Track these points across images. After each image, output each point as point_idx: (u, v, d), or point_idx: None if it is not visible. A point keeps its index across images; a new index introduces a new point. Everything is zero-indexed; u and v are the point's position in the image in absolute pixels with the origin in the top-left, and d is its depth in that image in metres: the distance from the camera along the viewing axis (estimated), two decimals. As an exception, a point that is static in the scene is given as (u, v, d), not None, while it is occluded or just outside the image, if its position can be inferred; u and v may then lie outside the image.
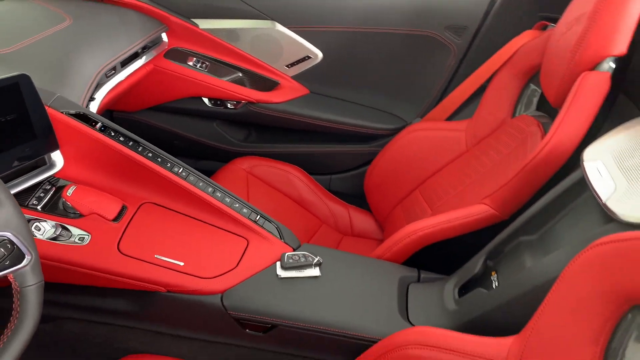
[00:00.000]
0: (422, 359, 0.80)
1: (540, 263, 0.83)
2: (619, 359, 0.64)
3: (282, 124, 1.61)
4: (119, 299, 0.95)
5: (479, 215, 1.05)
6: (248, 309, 0.91)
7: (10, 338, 0.70)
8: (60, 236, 0.91)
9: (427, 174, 1.42)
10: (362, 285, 0.99)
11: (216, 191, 1.03)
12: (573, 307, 0.67)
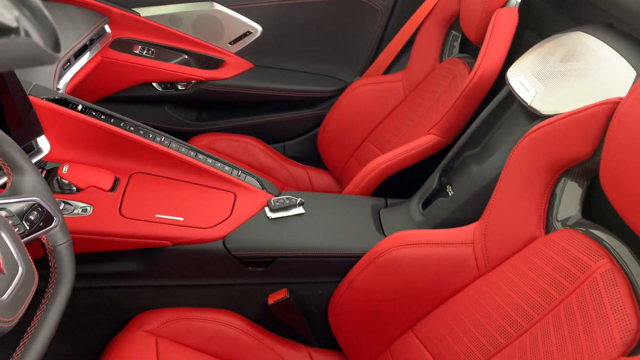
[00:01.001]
0: (404, 257, 0.96)
1: (486, 163, 1.01)
2: (554, 214, 0.83)
3: (232, 99, 1.71)
4: (128, 261, 1.04)
5: (428, 144, 1.23)
6: (249, 247, 1.03)
7: (53, 294, 0.78)
8: (64, 210, 0.98)
9: (374, 124, 1.58)
10: (341, 215, 1.14)
11: (198, 154, 1.13)
12: (519, 185, 0.86)
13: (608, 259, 0.72)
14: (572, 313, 0.72)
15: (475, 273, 0.91)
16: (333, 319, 1.08)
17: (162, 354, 1.00)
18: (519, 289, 0.81)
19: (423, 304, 0.96)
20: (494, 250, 0.89)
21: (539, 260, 0.81)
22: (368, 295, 1.01)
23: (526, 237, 0.85)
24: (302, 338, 1.15)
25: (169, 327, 1.04)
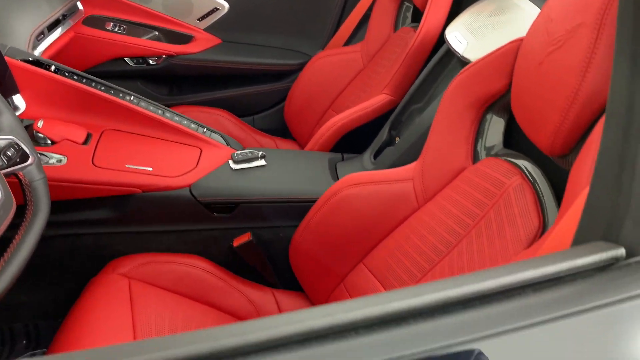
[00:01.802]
0: (353, 195, 1.06)
1: (426, 111, 1.12)
2: (480, 146, 0.94)
3: (201, 72, 1.80)
4: (101, 209, 1.12)
5: (380, 103, 1.34)
6: (214, 193, 1.12)
7: (30, 222, 0.86)
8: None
9: (335, 93, 1.68)
10: (300, 166, 1.24)
11: (165, 112, 1.21)
12: (450, 124, 0.96)
13: (519, 176, 0.83)
14: (490, 224, 0.83)
15: (415, 205, 1.01)
16: (293, 260, 1.17)
17: (134, 294, 1.09)
18: (449, 212, 0.92)
19: (371, 237, 1.06)
20: (431, 183, 0.99)
21: (467, 186, 0.91)
22: (323, 234, 1.10)
23: (457, 168, 0.96)
24: (266, 281, 1.24)
25: (141, 270, 1.13)
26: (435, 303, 0.41)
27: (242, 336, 0.40)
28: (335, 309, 0.41)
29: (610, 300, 0.40)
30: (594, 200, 0.47)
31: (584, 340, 0.40)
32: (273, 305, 1.20)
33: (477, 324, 0.39)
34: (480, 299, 0.41)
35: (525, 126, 0.79)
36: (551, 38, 0.69)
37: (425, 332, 0.39)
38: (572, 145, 0.70)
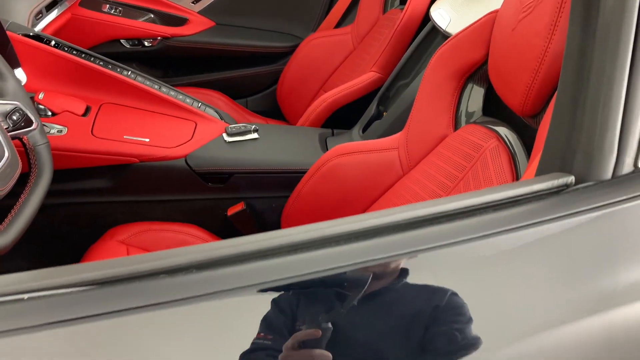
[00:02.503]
0: (341, 165, 1.11)
1: (411, 85, 1.17)
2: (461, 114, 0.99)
3: (195, 54, 1.84)
4: (100, 179, 1.17)
5: (369, 80, 1.39)
6: (208, 164, 1.17)
7: (35, 183, 0.91)
8: (41, 131, 1.10)
9: (327, 74, 1.73)
10: (292, 140, 1.29)
11: (162, 87, 1.26)
12: (432, 94, 1.02)
13: (496, 139, 0.88)
14: (468, 184, 0.89)
15: (400, 172, 1.07)
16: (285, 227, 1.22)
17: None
18: (432, 177, 0.98)
19: (358, 204, 1.12)
20: (414, 151, 1.05)
21: (448, 151, 0.97)
22: (313, 203, 1.16)
23: (439, 136, 1.01)
24: (259, 250, 1.29)
25: (139, 238, 1.17)
26: (405, 220, 0.46)
27: (239, 247, 0.45)
28: (322, 225, 0.47)
29: (557, 215, 0.46)
30: (552, 136, 0.52)
31: (533, 249, 0.46)
32: (265, 273, 1.25)
33: (442, 236, 0.45)
34: (446, 217, 0.46)
35: (500, 90, 0.84)
36: (522, 5, 0.75)
37: (395, 241, 0.45)
38: (541, 106, 0.75)
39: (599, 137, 0.48)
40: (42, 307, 0.41)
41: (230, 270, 0.44)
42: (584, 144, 0.49)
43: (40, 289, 0.41)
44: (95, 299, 0.41)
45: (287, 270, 0.45)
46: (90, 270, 0.42)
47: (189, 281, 0.43)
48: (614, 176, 0.48)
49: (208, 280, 0.43)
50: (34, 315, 0.40)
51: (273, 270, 0.45)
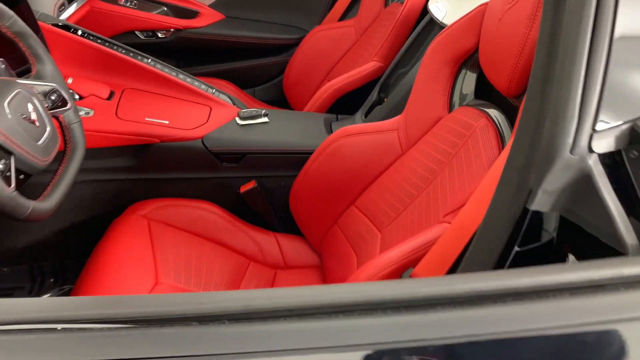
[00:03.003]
0: (345, 145, 1.21)
1: (410, 72, 1.27)
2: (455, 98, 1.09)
3: (206, 46, 1.94)
4: (123, 157, 1.27)
5: (371, 69, 1.49)
6: (223, 144, 1.27)
7: (71, 156, 1.01)
8: (70, 112, 1.20)
9: (330, 65, 1.83)
10: (299, 124, 1.39)
11: (179, 74, 1.36)
12: (429, 78, 1.12)
13: (485, 119, 0.98)
14: (461, 160, 0.99)
15: (399, 152, 1.17)
16: (293, 205, 1.32)
17: (153, 233, 1.24)
18: (428, 154, 1.08)
19: (361, 181, 1.22)
20: (413, 132, 1.15)
21: (442, 131, 1.07)
22: (319, 181, 1.26)
23: (435, 117, 1.11)
24: (269, 225, 1.39)
25: (159, 212, 1.28)
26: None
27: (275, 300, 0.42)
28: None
29: None
30: (527, 107, 0.62)
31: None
32: (275, 247, 1.35)
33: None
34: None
35: (489, 74, 0.94)
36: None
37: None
38: (524, 86, 0.85)
39: (563, 106, 0.58)
40: (74, 341, 0.40)
41: (264, 328, 0.40)
42: (552, 112, 0.59)
43: (74, 320, 0.40)
44: (126, 342, 0.40)
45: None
46: (125, 306, 0.42)
47: (219, 334, 0.40)
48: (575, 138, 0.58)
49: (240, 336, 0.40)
50: (66, 348, 0.39)
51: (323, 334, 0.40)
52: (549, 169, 0.60)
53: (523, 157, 0.63)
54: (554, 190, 0.61)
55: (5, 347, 0.39)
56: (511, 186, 0.65)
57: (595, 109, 0.58)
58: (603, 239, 0.60)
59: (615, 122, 0.58)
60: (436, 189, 1.02)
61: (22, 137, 0.84)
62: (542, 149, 0.60)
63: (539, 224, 0.65)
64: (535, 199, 0.62)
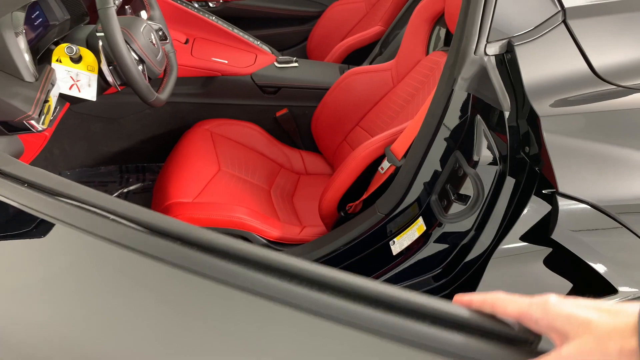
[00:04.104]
0: (355, 80, 1.70)
1: (400, 33, 1.76)
2: (431, 44, 1.57)
3: (245, 15, 2.43)
4: (194, 85, 1.76)
5: (375, 32, 1.97)
6: (266, 79, 1.77)
7: (169, 74, 1.50)
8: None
9: (346, 32, 2.31)
10: (321, 68, 1.88)
11: (234, 29, 1.85)
12: (413, 32, 1.60)
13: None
14: (430, 85, 1.47)
15: (391, 85, 1.65)
16: (314, 127, 1.82)
17: (215, 140, 1.74)
18: (410, 85, 1.56)
19: (364, 108, 1.70)
20: (401, 71, 1.63)
21: (420, 68, 1.55)
22: (333, 108, 1.75)
23: (416, 59, 1.59)
24: (295, 144, 1.89)
25: (218, 128, 1.77)
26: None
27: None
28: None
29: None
30: (455, 32, 1.10)
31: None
32: (299, 159, 1.85)
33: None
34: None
35: (450, 25, 1.42)
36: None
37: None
38: (468, 31, 1.33)
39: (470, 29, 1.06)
40: (114, 228, 0.63)
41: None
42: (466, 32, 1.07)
43: (121, 216, 0.65)
44: (142, 239, 0.61)
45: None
46: (152, 218, 0.64)
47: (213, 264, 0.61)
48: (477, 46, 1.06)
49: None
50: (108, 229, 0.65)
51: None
52: (463, 64, 1.08)
53: (452, 59, 1.11)
54: (467, 77, 1.10)
55: (79, 217, 0.68)
56: (445, 77, 1.13)
57: (488, 29, 1.06)
58: (491, 103, 1.08)
59: (500, 37, 1.06)
60: (412, 106, 1.50)
61: (149, 51, 1.33)
62: (460, 53, 1.08)
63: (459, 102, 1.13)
64: (457, 83, 1.10)
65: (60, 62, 1.26)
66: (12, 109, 1.08)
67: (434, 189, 1.21)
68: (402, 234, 1.27)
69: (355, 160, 1.34)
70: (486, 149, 1.10)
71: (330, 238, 1.33)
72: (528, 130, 1.02)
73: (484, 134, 1.10)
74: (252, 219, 1.40)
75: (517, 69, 1.02)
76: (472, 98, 1.12)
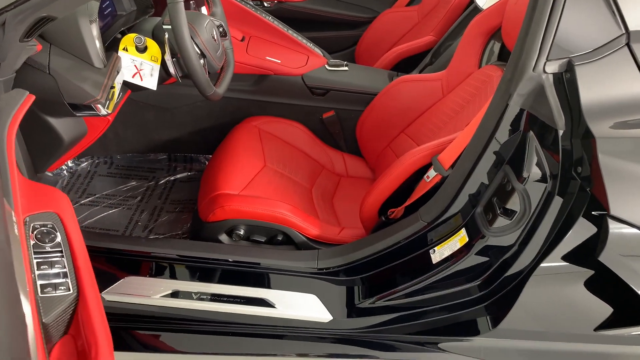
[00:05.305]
0: (403, 87, 1.71)
1: (453, 44, 1.76)
2: (484, 58, 1.58)
3: (299, 17, 2.48)
4: (246, 82, 1.81)
5: (427, 41, 1.99)
6: (316, 81, 1.81)
7: (227, 69, 1.55)
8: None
9: (396, 39, 2.33)
10: (370, 73, 1.91)
11: (289, 30, 1.90)
12: (467, 44, 1.60)
13: (501, 71, 1.46)
14: (481, 98, 1.48)
15: (440, 95, 1.66)
16: (359, 131, 1.84)
17: (262, 137, 1.78)
18: (460, 96, 1.57)
19: (411, 115, 1.72)
20: (451, 82, 1.64)
21: (471, 81, 1.56)
22: (380, 113, 1.76)
23: (468, 72, 1.60)
24: (338, 147, 1.92)
25: (266, 125, 1.82)
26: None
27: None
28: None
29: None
30: (515, 48, 1.11)
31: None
32: (341, 161, 1.87)
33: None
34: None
35: (506, 40, 1.43)
36: (521, -11, 1.33)
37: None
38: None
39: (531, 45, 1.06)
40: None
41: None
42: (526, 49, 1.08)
43: None
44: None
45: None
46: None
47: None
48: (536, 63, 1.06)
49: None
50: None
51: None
52: (520, 80, 1.08)
53: (509, 74, 1.11)
54: (523, 94, 1.10)
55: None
56: (500, 91, 1.14)
57: (549, 47, 1.06)
58: (545, 120, 1.08)
59: (560, 55, 1.06)
60: (461, 117, 1.51)
61: (211, 47, 1.38)
62: (518, 69, 1.09)
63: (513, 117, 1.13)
64: (512, 98, 1.11)
65: (127, 50, 1.32)
66: (82, 92, 1.14)
67: (479, 201, 1.22)
68: (444, 243, 1.28)
69: (402, 166, 1.35)
70: (537, 166, 1.11)
71: (370, 241, 1.35)
72: (582, 150, 1.02)
73: (535, 150, 1.11)
74: (294, 216, 1.44)
75: (576, 89, 1.02)
76: (526, 114, 1.12)
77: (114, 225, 1.70)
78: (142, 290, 1.30)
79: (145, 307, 1.27)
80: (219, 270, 1.34)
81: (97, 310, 0.83)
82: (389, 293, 1.28)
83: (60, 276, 0.84)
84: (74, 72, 1.16)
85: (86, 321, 0.80)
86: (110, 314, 1.30)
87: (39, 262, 0.84)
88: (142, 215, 1.76)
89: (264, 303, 1.33)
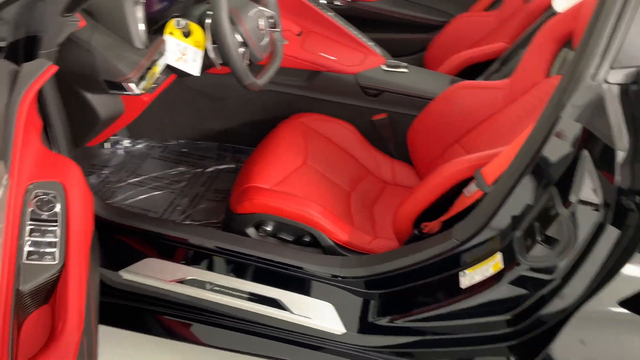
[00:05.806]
0: (462, 94, 1.58)
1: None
2: (554, 68, 1.41)
3: (370, 17, 2.40)
4: (299, 77, 1.77)
5: (496, 48, 1.83)
6: (370, 81, 1.72)
7: (272, 62, 1.51)
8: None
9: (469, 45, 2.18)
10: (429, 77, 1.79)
11: (349, 27, 1.83)
12: (537, 51, 1.44)
13: (567, 82, 1.30)
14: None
15: (500, 105, 1.51)
16: (411, 137, 1.72)
17: (307, 134, 1.72)
18: (521, 106, 1.42)
19: (467, 125, 1.58)
20: (515, 91, 1.49)
21: (535, 90, 1.40)
22: (435, 120, 1.64)
23: (534, 81, 1.44)
24: (387, 151, 1.81)
25: (313, 123, 1.76)
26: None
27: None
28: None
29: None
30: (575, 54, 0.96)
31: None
32: (389, 167, 1.77)
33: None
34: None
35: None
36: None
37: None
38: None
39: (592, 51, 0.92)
40: None
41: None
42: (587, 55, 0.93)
43: None
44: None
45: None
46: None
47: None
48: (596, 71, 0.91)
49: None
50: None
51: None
52: (576, 89, 0.94)
53: (565, 82, 0.97)
54: (579, 105, 0.95)
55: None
56: (552, 101, 1.00)
57: (615, 53, 0.91)
58: (603, 139, 0.93)
59: (628, 64, 0.91)
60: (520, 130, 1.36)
61: (254, 35, 1.35)
62: (575, 76, 0.94)
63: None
64: (565, 109, 0.96)
65: (172, 34, 1.32)
66: (115, 70, 1.15)
67: (520, 224, 1.08)
68: (476, 267, 1.15)
69: (440, 177, 1.24)
70: (588, 190, 0.95)
71: (397, 255, 1.25)
72: (645, 177, 0.86)
73: (588, 172, 0.95)
74: (323, 218, 1.37)
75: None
76: (581, 130, 0.97)
77: (154, 207, 1.73)
78: (158, 273, 1.29)
79: (157, 290, 1.27)
80: (236, 263, 1.30)
81: (76, 284, 0.81)
82: (408, 314, 1.17)
83: (49, 245, 0.84)
84: (113, 50, 1.17)
85: (62, 294, 0.79)
86: (122, 291, 1.35)
87: (32, 228, 0.84)
88: (183, 200, 1.77)
89: (277, 304, 1.28)
